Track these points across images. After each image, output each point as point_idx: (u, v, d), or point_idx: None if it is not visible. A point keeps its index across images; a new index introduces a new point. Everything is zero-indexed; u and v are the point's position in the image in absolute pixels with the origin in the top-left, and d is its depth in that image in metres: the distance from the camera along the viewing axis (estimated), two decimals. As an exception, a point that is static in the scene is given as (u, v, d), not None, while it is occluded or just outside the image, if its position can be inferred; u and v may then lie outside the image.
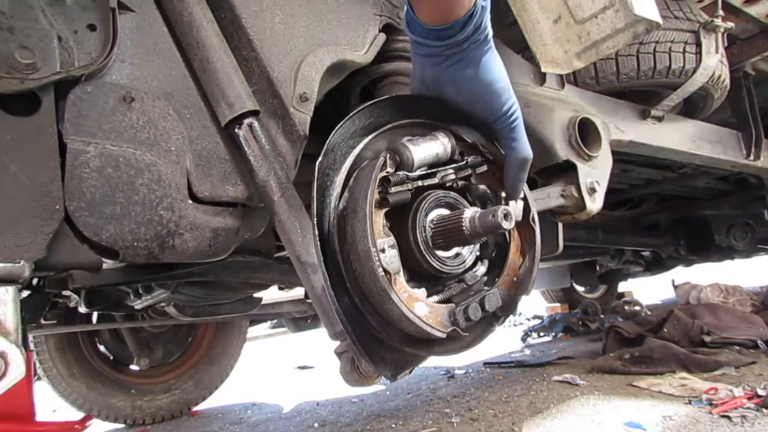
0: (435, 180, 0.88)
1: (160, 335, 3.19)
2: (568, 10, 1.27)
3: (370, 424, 2.41)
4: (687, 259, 3.77)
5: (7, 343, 0.69)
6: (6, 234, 0.70)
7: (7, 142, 0.72)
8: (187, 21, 0.90)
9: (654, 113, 1.88)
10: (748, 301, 4.10)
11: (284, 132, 0.97)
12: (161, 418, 3.08)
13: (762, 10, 2.08)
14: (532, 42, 1.34)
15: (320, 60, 1.01)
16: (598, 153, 1.50)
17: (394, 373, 0.81)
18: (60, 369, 2.87)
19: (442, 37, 0.83)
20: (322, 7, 1.06)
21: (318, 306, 0.86)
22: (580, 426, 1.98)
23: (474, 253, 0.93)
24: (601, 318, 4.89)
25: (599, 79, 1.75)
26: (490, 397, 2.58)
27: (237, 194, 0.93)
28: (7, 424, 1.62)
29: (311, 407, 3.05)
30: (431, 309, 0.81)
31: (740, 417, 1.85)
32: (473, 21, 0.82)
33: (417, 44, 0.88)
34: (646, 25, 1.21)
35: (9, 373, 0.69)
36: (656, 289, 6.63)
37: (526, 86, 1.49)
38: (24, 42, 0.73)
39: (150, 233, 0.83)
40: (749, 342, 2.85)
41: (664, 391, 2.31)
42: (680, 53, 1.75)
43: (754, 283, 4.83)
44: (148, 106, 0.84)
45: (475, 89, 0.88)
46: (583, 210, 1.45)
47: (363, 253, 0.76)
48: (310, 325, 3.56)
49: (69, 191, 0.76)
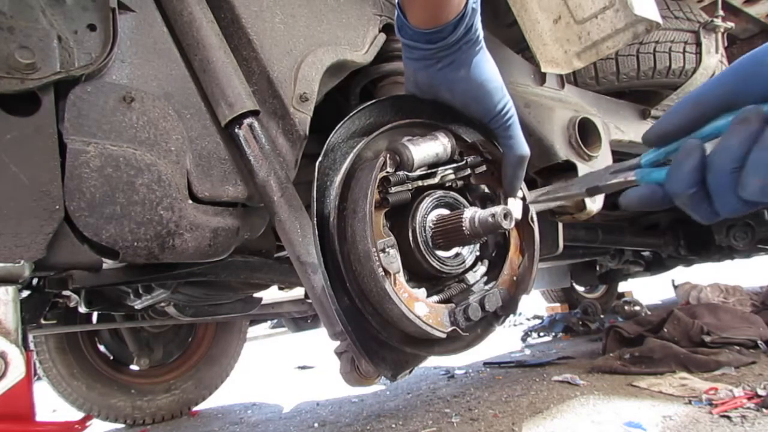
0: (435, 180, 0.88)
1: (160, 335, 3.19)
2: (568, 10, 1.27)
3: (370, 424, 2.41)
4: (687, 259, 3.76)
5: (7, 343, 0.69)
6: (6, 234, 0.70)
7: (7, 142, 0.72)
8: (187, 21, 0.90)
9: (654, 113, 1.88)
10: (748, 301, 4.10)
11: (284, 132, 0.97)
12: (161, 418, 3.08)
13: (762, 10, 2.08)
14: (532, 42, 1.34)
15: (320, 60, 1.01)
16: (598, 153, 1.50)
17: (394, 373, 0.81)
18: (60, 369, 2.88)
19: (433, 40, 0.83)
20: (322, 7, 1.06)
21: (318, 306, 0.86)
22: (580, 426, 1.98)
23: (474, 253, 0.93)
24: (601, 318, 4.89)
25: (599, 79, 1.75)
26: (490, 397, 2.58)
27: (237, 194, 0.93)
28: (7, 424, 1.62)
29: (311, 407, 3.05)
30: (431, 309, 0.81)
31: (740, 417, 1.85)
32: (464, 23, 0.82)
33: (408, 48, 0.87)
34: (646, 25, 1.21)
35: (9, 373, 0.69)
36: (656, 289, 6.63)
37: (526, 86, 1.49)
38: (24, 42, 0.73)
39: (150, 233, 0.83)
40: (749, 342, 2.85)
41: (664, 391, 2.31)
42: (680, 53, 1.75)
43: (754, 283, 4.83)
44: (148, 106, 0.84)
45: (468, 90, 0.88)
46: (583, 210, 1.45)
47: (363, 253, 0.76)
48: (310, 325, 3.56)
49: (69, 191, 0.76)
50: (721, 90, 0.55)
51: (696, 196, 0.55)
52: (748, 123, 0.50)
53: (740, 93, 0.53)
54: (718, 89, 0.55)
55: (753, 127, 0.50)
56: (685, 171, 0.54)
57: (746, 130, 0.50)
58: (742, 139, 0.50)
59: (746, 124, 0.50)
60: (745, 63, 0.53)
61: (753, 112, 0.50)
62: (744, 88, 0.52)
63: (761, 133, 0.50)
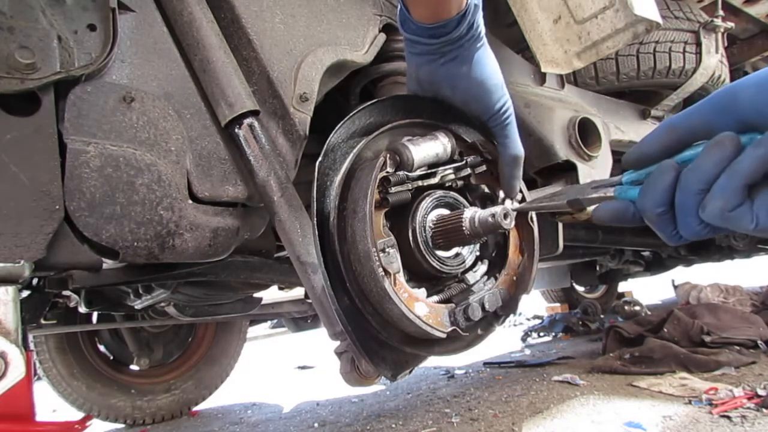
0: (435, 180, 0.88)
1: (160, 335, 3.19)
2: (568, 10, 1.27)
3: (370, 424, 2.41)
4: (687, 259, 3.76)
5: (7, 343, 0.69)
6: (6, 234, 0.70)
7: (7, 142, 0.72)
8: (187, 21, 0.90)
9: (654, 113, 1.88)
10: (748, 301, 4.10)
11: (284, 132, 0.97)
12: (161, 418, 3.08)
13: (762, 10, 2.08)
14: (532, 42, 1.34)
15: (320, 60, 1.01)
16: (598, 153, 1.50)
17: (394, 373, 0.81)
18: (60, 369, 2.88)
19: (436, 35, 0.84)
20: (322, 7, 1.06)
21: (318, 306, 0.86)
22: (580, 426, 1.98)
23: (474, 252, 0.93)
24: (601, 318, 4.89)
25: (599, 79, 1.75)
26: (490, 397, 2.58)
27: (237, 194, 0.93)
28: (7, 424, 1.62)
29: (311, 407, 3.05)
30: (431, 309, 0.81)
31: (740, 417, 1.85)
32: (467, 19, 0.83)
33: (411, 42, 0.88)
34: (646, 25, 1.21)
35: (9, 373, 0.69)
36: (656, 289, 6.63)
37: (526, 86, 1.49)
38: (24, 42, 0.73)
39: (150, 233, 0.83)
40: (749, 342, 2.85)
41: (664, 391, 2.31)
42: (680, 53, 1.75)
43: (754, 283, 4.83)
44: (148, 106, 0.84)
45: (470, 86, 0.89)
46: (582, 210, 1.45)
47: (363, 253, 0.76)
48: (310, 325, 3.56)
49: (69, 191, 0.76)
50: (697, 118, 0.57)
51: (663, 216, 0.57)
52: (722, 147, 0.52)
53: (715, 122, 0.54)
54: (695, 117, 0.57)
55: (726, 152, 0.52)
56: (657, 190, 0.56)
57: (719, 153, 0.52)
58: (714, 162, 0.52)
59: (720, 147, 0.52)
60: (720, 94, 0.55)
61: (728, 137, 0.52)
62: (720, 117, 0.54)
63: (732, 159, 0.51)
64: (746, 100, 0.52)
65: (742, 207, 0.50)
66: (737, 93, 0.53)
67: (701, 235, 0.55)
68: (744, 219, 0.50)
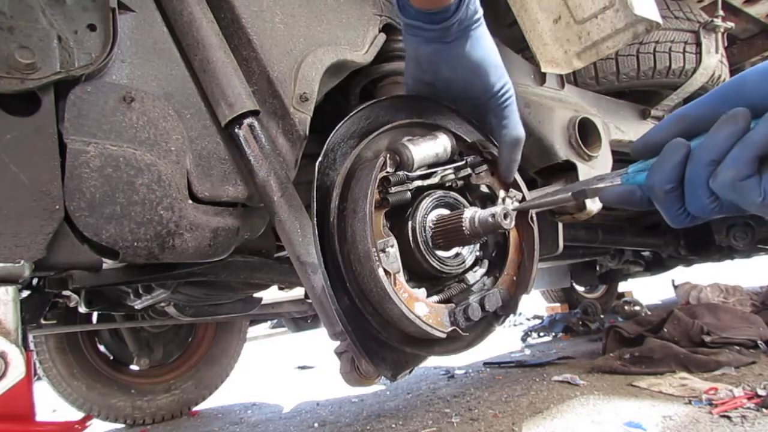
0: (435, 180, 0.88)
1: (160, 335, 3.19)
2: (568, 10, 1.27)
3: (370, 424, 2.41)
4: (687, 259, 3.76)
5: (7, 343, 0.69)
6: (6, 234, 0.70)
7: (7, 142, 0.72)
8: (187, 21, 0.90)
9: (654, 113, 1.88)
10: (748, 301, 4.11)
11: (284, 132, 0.97)
12: (161, 418, 3.08)
13: (762, 10, 2.08)
14: (532, 42, 1.34)
15: (320, 60, 1.01)
16: (598, 153, 1.50)
17: (394, 373, 0.81)
18: (60, 369, 2.88)
19: (435, 21, 0.85)
20: (322, 7, 1.06)
21: (318, 306, 0.86)
22: (580, 426, 1.98)
23: (474, 252, 0.93)
24: (601, 318, 4.89)
25: (599, 79, 1.75)
26: (490, 397, 2.58)
27: (237, 194, 0.93)
28: (7, 424, 1.62)
29: (311, 407, 3.05)
30: (431, 309, 0.81)
31: (740, 417, 1.85)
32: (465, 3, 0.84)
33: (410, 27, 0.89)
34: (646, 25, 1.21)
35: (9, 373, 0.69)
36: (656, 289, 6.63)
37: (526, 86, 1.49)
38: (24, 42, 0.73)
39: (150, 233, 0.83)
40: (749, 342, 2.85)
41: (664, 391, 2.31)
42: (680, 53, 1.75)
43: (754, 283, 4.83)
44: (148, 106, 0.84)
45: (469, 67, 0.90)
46: (583, 210, 1.45)
47: (363, 253, 0.76)
48: (310, 325, 3.56)
49: (69, 191, 0.76)
50: (706, 107, 0.59)
51: (672, 194, 0.59)
52: (735, 120, 0.54)
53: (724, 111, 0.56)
54: (704, 106, 0.59)
55: (739, 125, 0.54)
56: (668, 166, 0.58)
57: (732, 126, 0.54)
58: (727, 135, 0.54)
59: (733, 121, 0.54)
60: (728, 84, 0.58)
61: (741, 112, 0.54)
62: (728, 106, 0.56)
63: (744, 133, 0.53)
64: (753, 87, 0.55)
65: (752, 179, 0.52)
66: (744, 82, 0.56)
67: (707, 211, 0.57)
68: (753, 191, 0.52)
